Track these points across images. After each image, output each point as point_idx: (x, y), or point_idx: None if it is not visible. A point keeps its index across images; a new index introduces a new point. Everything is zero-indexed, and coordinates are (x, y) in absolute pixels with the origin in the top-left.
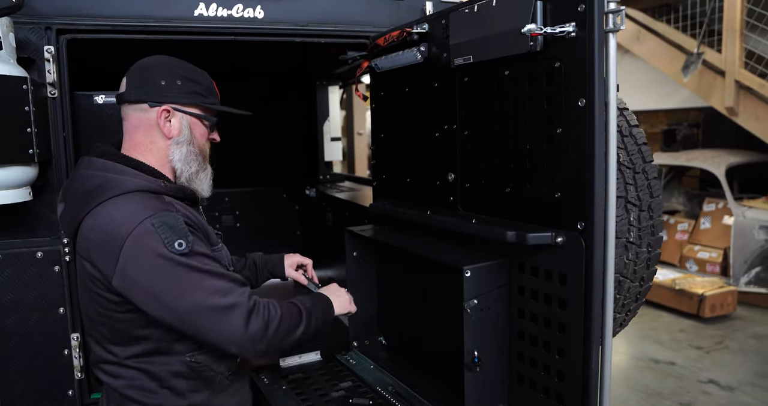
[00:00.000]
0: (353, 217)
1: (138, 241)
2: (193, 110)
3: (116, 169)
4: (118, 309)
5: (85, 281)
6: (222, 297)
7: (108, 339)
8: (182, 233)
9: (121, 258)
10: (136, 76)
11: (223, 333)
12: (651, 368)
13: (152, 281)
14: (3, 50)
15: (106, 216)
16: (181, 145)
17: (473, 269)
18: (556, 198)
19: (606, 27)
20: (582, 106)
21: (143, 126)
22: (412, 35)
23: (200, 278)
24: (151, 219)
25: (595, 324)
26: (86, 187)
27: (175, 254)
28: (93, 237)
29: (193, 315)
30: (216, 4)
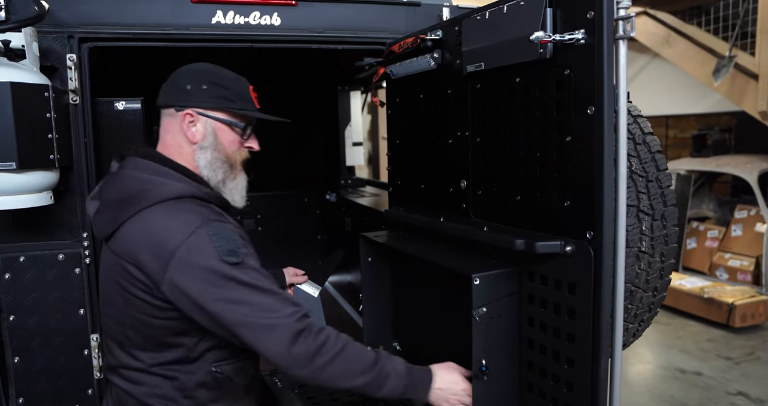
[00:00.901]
0: (371, 222)
1: (191, 250)
2: (218, 115)
3: (162, 172)
4: (158, 315)
5: (123, 283)
6: (266, 314)
7: (137, 344)
8: (236, 244)
9: (171, 265)
10: (169, 82)
11: (267, 349)
12: (677, 378)
13: (200, 292)
14: (26, 59)
15: (156, 221)
16: (206, 151)
17: (482, 277)
18: (566, 206)
19: (616, 34)
20: (591, 114)
21: (172, 130)
22: (426, 42)
23: (248, 293)
24: (206, 228)
25: (604, 334)
26: (131, 189)
27: (227, 265)
28: (141, 241)
29: (239, 329)
30: (233, 12)
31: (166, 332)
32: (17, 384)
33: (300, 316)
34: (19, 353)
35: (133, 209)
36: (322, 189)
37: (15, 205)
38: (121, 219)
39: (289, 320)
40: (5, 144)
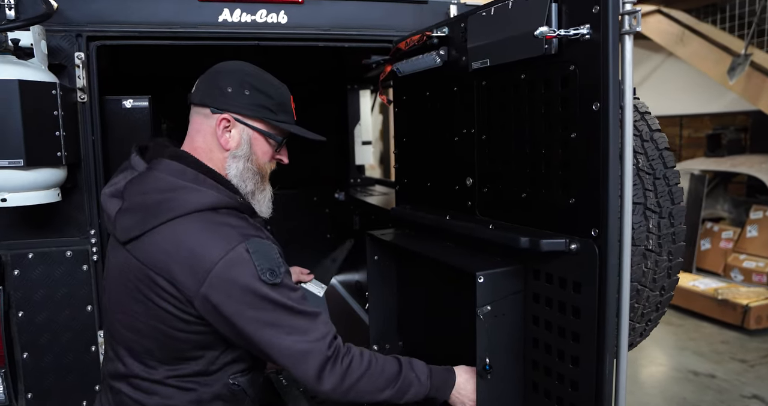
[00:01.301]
0: (379, 220)
1: (229, 267)
2: (256, 125)
3: (195, 179)
4: (185, 328)
5: (148, 293)
6: (301, 337)
7: (155, 356)
8: (275, 262)
9: (208, 281)
10: (206, 78)
11: (298, 374)
12: (690, 380)
13: (236, 312)
14: (35, 57)
15: (191, 233)
16: (238, 160)
17: (487, 275)
18: (571, 204)
19: (621, 29)
20: (596, 110)
21: (203, 132)
22: (432, 39)
23: (283, 316)
24: (246, 244)
25: (609, 333)
26: (163, 196)
27: (266, 285)
28: (174, 253)
29: (272, 351)
30: (240, 10)
31: (189, 345)
32: (26, 380)
33: (331, 339)
34: (28, 348)
35: (163, 217)
36: (331, 188)
37: (23, 202)
38: (149, 225)
39: (322, 346)
40: (13, 141)
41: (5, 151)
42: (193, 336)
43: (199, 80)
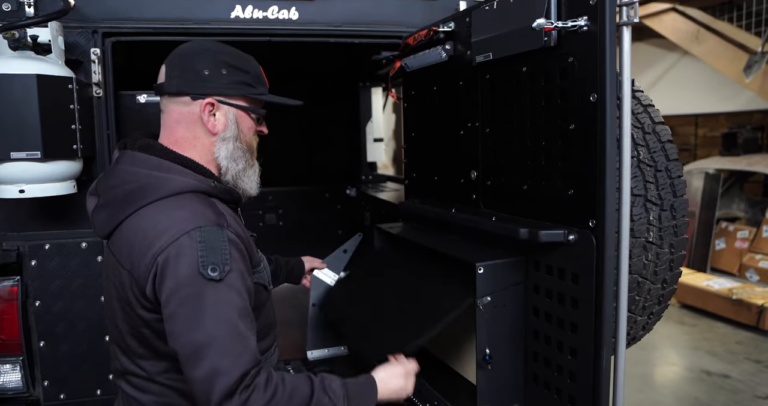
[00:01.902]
0: (389, 216)
1: (174, 254)
2: (239, 102)
3: (162, 167)
4: (150, 324)
5: (119, 288)
6: (216, 353)
7: (136, 353)
8: (221, 257)
9: (154, 266)
10: (176, 65)
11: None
12: (703, 380)
13: (167, 298)
14: (52, 53)
15: (151, 220)
16: (228, 142)
17: (486, 266)
18: (570, 195)
19: (619, 20)
20: (594, 101)
21: (185, 121)
22: (438, 34)
23: (209, 320)
24: (196, 231)
25: (606, 324)
26: (129, 187)
27: (203, 279)
28: (134, 242)
29: (180, 356)
30: (252, 6)
31: (159, 341)
32: (43, 367)
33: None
34: (45, 337)
35: (130, 208)
36: (343, 185)
37: (40, 193)
38: (118, 218)
39: (236, 371)
40: (31, 134)
41: (23, 143)
42: (161, 327)
43: (168, 68)
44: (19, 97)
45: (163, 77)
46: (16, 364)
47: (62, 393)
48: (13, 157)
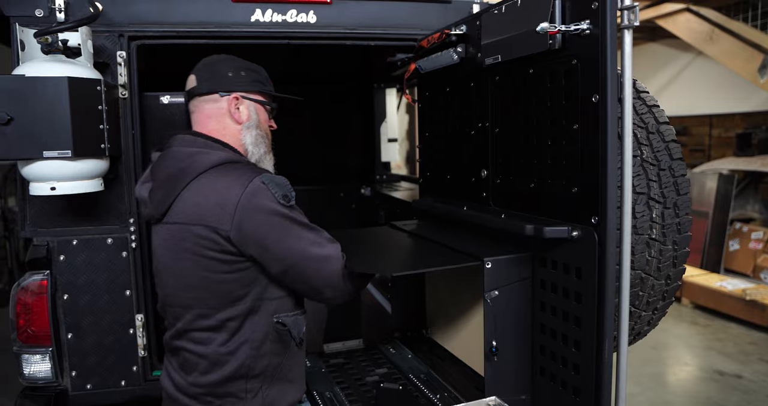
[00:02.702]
0: (404, 214)
1: (252, 197)
2: (257, 97)
3: (208, 145)
4: (227, 269)
5: (191, 246)
6: (321, 248)
7: (207, 304)
8: (287, 188)
9: (237, 214)
10: (204, 71)
11: (324, 280)
12: (715, 380)
13: (265, 233)
14: (82, 56)
15: (213, 183)
16: (251, 129)
17: (494, 261)
18: (574, 193)
19: (621, 23)
20: (596, 102)
21: (215, 115)
22: (451, 37)
23: (303, 232)
24: (260, 178)
25: (608, 318)
26: (181, 163)
27: (284, 207)
28: (203, 202)
29: (301, 264)
30: (271, 10)
31: (236, 285)
32: (70, 358)
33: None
34: (72, 329)
35: (186, 180)
36: (357, 184)
37: (70, 190)
38: (175, 192)
39: (337, 251)
40: (62, 133)
41: (55, 143)
42: (237, 275)
43: (197, 75)
44: (51, 99)
45: (194, 82)
46: (45, 355)
47: (89, 383)
48: (46, 156)
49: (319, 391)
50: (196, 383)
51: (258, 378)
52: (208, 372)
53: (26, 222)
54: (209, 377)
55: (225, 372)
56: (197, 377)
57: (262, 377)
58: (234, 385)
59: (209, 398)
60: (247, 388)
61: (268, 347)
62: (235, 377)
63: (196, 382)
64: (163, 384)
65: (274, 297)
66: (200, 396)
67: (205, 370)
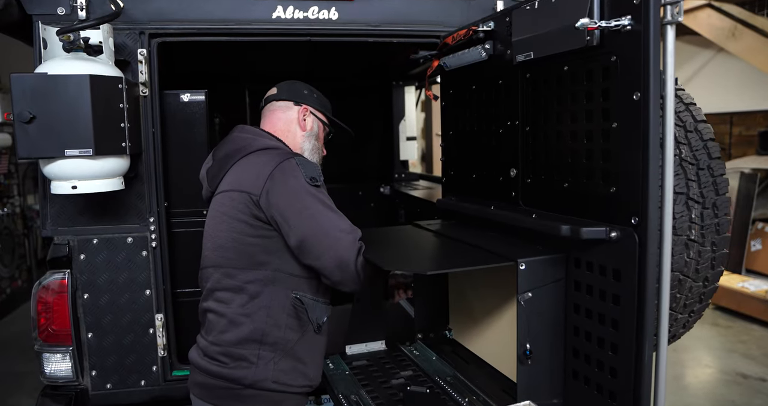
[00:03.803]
0: (424, 213)
1: (282, 170)
2: (321, 116)
3: (263, 135)
4: (253, 233)
5: (227, 210)
6: (338, 228)
7: (232, 263)
8: (317, 172)
9: (268, 181)
10: (286, 85)
11: (335, 259)
12: (738, 383)
13: (287, 204)
14: (103, 54)
15: (255, 159)
16: (311, 138)
17: (528, 262)
18: (612, 193)
19: (663, 19)
20: (637, 100)
21: (285, 119)
22: (478, 33)
23: (324, 209)
24: (295, 158)
25: (648, 321)
26: (238, 145)
27: (310, 185)
28: (243, 173)
29: (314, 237)
30: (293, 7)
31: (258, 249)
32: (90, 358)
33: (357, 235)
34: (92, 329)
35: (237, 157)
36: (375, 183)
37: (91, 189)
38: (227, 167)
39: (355, 235)
40: (83, 132)
41: (77, 141)
42: (261, 240)
43: (279, 88)
44: (72, 97)
45: (275, 91)
46: (66, 354)
47: (108, 383)
48: (67, 155)
49: (344, 394)
50: (215, 342)
51: (271, 347)
52: (225, 331)
53: (47, 221)
54: (226, 336)
55: (241, 333)
56: (216, 335)
57: (274, 347)
58: (247, 348)
59: (225, 359)
60: (259, 354)
61: (284, 320)
62: (249, 339)
63: (215, 340)
64: (190, 356)
65: (294, 273)
66: (218, 355)
67: (224, 329)
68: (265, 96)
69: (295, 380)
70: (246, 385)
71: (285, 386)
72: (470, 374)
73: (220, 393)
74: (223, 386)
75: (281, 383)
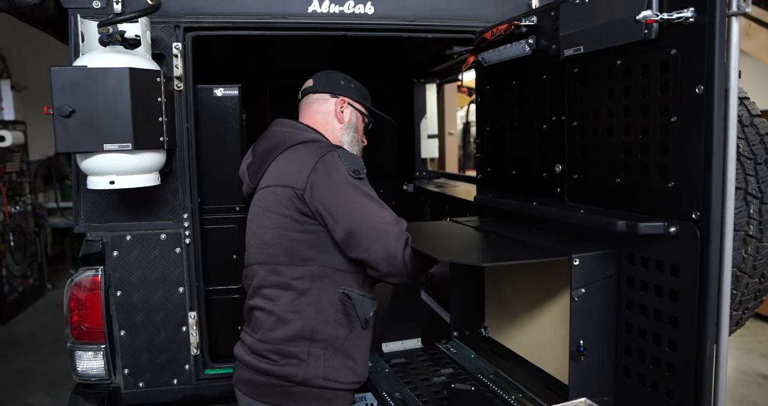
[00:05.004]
0: (453, 210)
1: (326, 163)
2: (359, 107)
3: (302, 128)
4: (299, 228)
5: (271, 206)
6: (383, 220)
7: (278, 260)
8: (359, 164)
9: (312, 174)
10: (322, 77)
11: (382, 251)
12: (759, 383)
13: (331, 197)
14: (141, 47)
15: (297, 153)
16: (350, 131)
17: (582, 258)
18: (670, 188)
19: (729, 10)
20: (700, 94)
21: (322, 112)
22: (521, 28)
23: (369, 202)
24: (337, 151)
25: (710, 317)
26: (277, 139)
27: (353, 177)
28: (287, 165)
29: (360, 230)
30: (329, 1)
31: (304, 244)
32: (123, 356)
33: (403, 226)
34: (125, 326)
35: (278, 152)
36: (397, 180)
37: (129, 184)
38: (268, 162)
39: (401, 227)
40: (123, 126)
41: (116, 135)
42: (307, 236)
43: (315, 79)
44: (112, 90)
45: (311, 83)
46: (98, 352)
47: (141, 381)
48: (106, 149)
49: (388, 391)
50: (263, 339)
51: (321, 344)
52: (274, 329)
53: (80, 217)
54: (275, 333)
55: (290, 330)
56: (265, 332)
57: (324, 344)
58: (297, 345)
59: (274, 357)
60: (309, 351)
61: (332, 316)
62: (299, 336)
63: (264, 338)
64: (236, 352)
65: (341, 269)
66: (267, 353)
67: (272, 326)
68: (302, 88)
69: (345, 377)
70: (297, 382)
71: (335, 383)
72: (511, 372)
73: (269, 390)
74: (273, 384)
75: (332, 380)
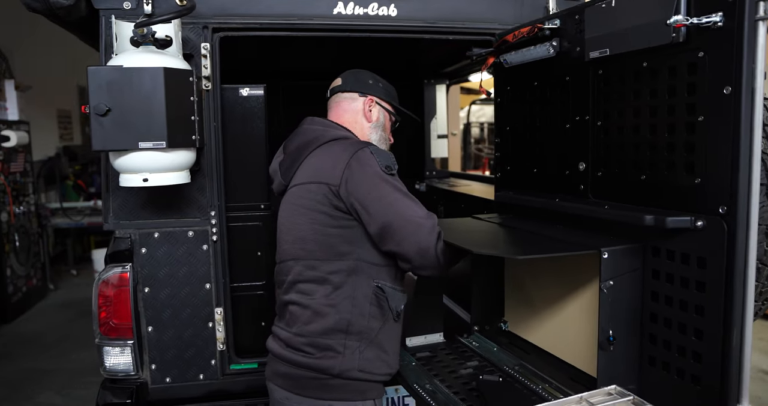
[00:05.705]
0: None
1: (359, 160)
2: (387, 106)
3: (333, 126)
4: (334, 224)
5: (306, 202)
6: (416, 214)
7: (314, 255)
8: (391, 160)
9: (346, 171)
10: (350, 76)
11: (415, 244)
12: (762, 379)
13: (365, 192)
14: (173, 46)
15: (330, 150)
16: (378, 129)
17: (611, 251)
18: (696, 184)
19: (756, 15)
20: (728, 94)
21: (351, 110)
22: (544, 31)
23: (401, 197)
24: (369, 147)
25: (736, 307)
26: (309, 137)
27: (385, 173)
28: (320, 162)
29: (394, 224)
30: (353, 3)
31: (340, 239)
32: (150, 351)
33: (435, 220)
34: (153, 322)
35: (309, 149)
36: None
37: (162, 181)
38: (300, 159)
39: (433, 221)
40: (157, 124)
41: (150, 134)
42: (342, 231)
43: (343, 78)
44: (147, 90)
45: (339, 82)
46: (126, 347)
47: (168, 377)
48: (141, 147)
49: (419, 383)
50: (299, 333)
51: (356, 336)
52: (310, 322)
53: (109, 214)
54: (311, 327)
55: (326, 323)
56: (300, 326)
57: (360, 337)
58: (333, 338)
59: (310, 349)
60: (345, 343)
61: (367, 309)
62: (335, 329)
63: (300, 331)
64: (270, 346)
65: (375, 262)
66: (303, 346)
67: (308, 320)
68: (330, 87)
69: (379, 369)
70: (333, 374)
71: (370, 375)
72: (534, 363)
73: (305, 383)
74: (309, 377)
75: (367, 372)
